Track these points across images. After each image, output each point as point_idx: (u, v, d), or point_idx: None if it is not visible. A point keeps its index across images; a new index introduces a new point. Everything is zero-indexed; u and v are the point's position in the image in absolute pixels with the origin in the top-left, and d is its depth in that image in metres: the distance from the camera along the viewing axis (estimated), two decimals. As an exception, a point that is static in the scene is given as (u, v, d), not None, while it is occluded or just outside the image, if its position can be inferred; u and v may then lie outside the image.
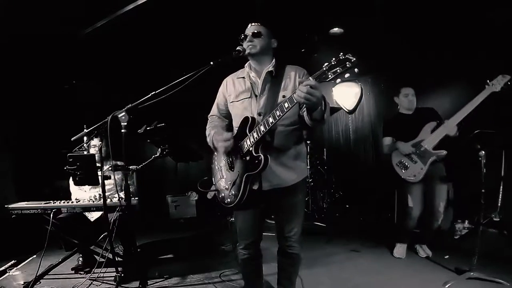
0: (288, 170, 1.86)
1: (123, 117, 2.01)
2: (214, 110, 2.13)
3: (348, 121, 6.07)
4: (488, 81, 2.68)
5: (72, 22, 3.39)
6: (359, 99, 5.81)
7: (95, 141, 3.03)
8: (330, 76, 1.49)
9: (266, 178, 1.82)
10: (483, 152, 2.49)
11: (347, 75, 1.46)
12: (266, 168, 1.72)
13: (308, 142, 5.08)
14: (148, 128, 2.77)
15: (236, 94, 1.95)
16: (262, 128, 1.70)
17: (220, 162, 1.97)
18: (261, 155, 1.71)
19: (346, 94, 5.90)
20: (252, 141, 1.74)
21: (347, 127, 6.11)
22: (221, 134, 1.88)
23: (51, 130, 4.23)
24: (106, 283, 2.68)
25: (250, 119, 1.80)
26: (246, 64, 1.99)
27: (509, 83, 2.60)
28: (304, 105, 1.62)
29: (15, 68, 3.93)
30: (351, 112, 5.98)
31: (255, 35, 1.89)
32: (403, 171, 3.04)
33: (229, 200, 1.88)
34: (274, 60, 1.95)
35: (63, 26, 3.41)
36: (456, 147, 2.84)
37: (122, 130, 2.02)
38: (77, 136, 2.28)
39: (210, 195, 3.76)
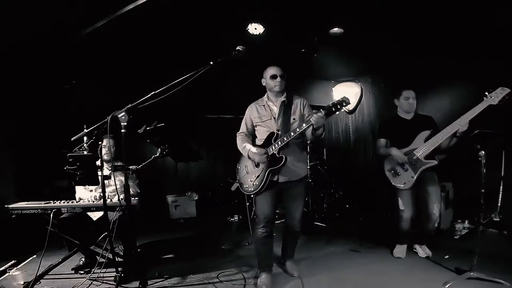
0: (297, 168, 2.58)
1: (123, 117, 2.03)
2: (243, 128, 2.77)
3: (348, 121, 6.07)
4: (487, 93, 2.57)
5: (72, 22, 3.39)
6: (359, 99, 5.81)
7: (105, 142, 2.97)
8: (333, 110, 2.25)
9: (282, 173, 2.52)
10: (483, 152, 2.48)
11: (343, 109, 1.99)
12: (285, 165, 2.44)
13: (308, 142, 5.07)
14: (148, 128, 2.77)
15: (260, 117, 2.64)
16: (285, 138, 2.42)
17: (247, 162, 2.66)
18: (283, 156, 2.44)
19: (346, 94, 5.88)
20: (276, 147, 2.46)
21: (347, 127, 6.12)
22: (257, 149, 2.54)
23: (51, 130, 4.22)
24: (106, 283, 2.68)
25: (275, 133, 2.52)
26: (265, 95, 2.69)
27: (507, 97, 2.51)
28: (313, 126, 2.29)
29: (15, 68, 3.93)
30: (351, 112, 5.99)
31: (283, 77, 2.57)
32: (394, 178, 3.07)
33: (252, 188, 2.56)
34: (285, 92, 2.64)
35: (63, 26, 3.41)
36: (456, 147, 2.84)
37: (122, 130, 2.03)
38: (77, 136, 2.29)
39: (234, 187, 4.29)
